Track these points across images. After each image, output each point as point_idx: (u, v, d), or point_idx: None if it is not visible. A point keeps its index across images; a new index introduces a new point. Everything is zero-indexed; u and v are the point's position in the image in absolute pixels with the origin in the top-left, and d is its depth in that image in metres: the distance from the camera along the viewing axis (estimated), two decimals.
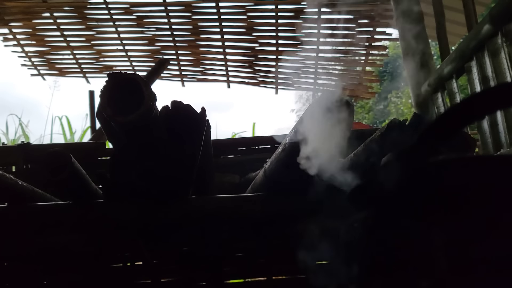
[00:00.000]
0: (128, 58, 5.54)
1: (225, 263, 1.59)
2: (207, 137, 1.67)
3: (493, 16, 2.12)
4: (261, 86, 5.69)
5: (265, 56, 5.30)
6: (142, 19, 5.01)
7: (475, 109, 0.71)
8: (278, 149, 1.39)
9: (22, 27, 5.17)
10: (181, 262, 1.58)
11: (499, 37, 2.12)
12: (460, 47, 2.54)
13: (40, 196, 1.56)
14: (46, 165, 1.37)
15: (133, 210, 1.45)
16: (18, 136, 6.99)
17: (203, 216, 1.47)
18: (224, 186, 2.11)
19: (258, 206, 1.47)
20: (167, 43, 5.30)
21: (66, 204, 1.49)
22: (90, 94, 4.84)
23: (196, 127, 1.46)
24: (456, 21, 3.84)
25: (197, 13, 4.88)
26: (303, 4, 4.61)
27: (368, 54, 4.94)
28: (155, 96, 1.22)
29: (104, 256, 1.57)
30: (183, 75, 5.73)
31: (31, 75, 5.79)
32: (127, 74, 1.21)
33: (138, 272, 1.59)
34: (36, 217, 1.46)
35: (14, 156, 2.32)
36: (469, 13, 2.55)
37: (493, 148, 2.15)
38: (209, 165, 1.80)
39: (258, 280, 1.62)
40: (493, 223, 0.72)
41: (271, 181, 1.50)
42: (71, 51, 5.46)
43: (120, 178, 1.46)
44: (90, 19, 5.04)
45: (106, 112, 1.17)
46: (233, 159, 2.49)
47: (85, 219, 1.45)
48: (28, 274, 1.55)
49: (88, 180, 1.56)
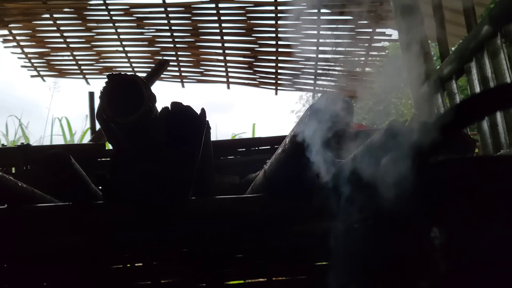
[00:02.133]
0: (128, 59, 5.54)
1: (225, 264, 1.59)
2: (207, 138, 1.67)
3: (493, 17, 2.12)
4: (261, 87, 5.69)
5: (265, 57, 5.30)
6: (142, 20, 5.01)
7: (475, 109, 0.71)
8: (278, 150, 1.39)
9: (22, 28, 5.17)
10: (181, 263, 1.58)
11: (499, 38, 2.12)
12: (459, 48, 2.54)
13: (40, 198, 1.56)
14: (46, 166, 1.37)
15: (133, 211, 1.45)
16: (18, 137, 6.99)
17: (203, 217, 1.47)
18: (224, 187, 2.11)
19: (258, 207, 1.47)
20: (167, 44, 5.30)
21: (66, 205, 1.49)
22: (90, 95, 4.85)
23: (196, 128, 1.46)
24: (455, 22, 3.84)
25: (197, 14, 4.88)
26: (302, 5, 4.61)
27: (368, 54, 4.94)
28: (155, 97, 1.22)
29: (104, 257, 1.56)
30: (183, 76, 5.73)
31: (31, 76, 5.79)
32: (127, 75, 1.22)
33: (138, 273, 1.58)
34: (36, 218, 1.46)
35: (14, 157, 2.32)
36: (468, 14, 2.55)
37: (493, 149, 2.15)
38: (209, 166, 1.80)
39: (258, 281, 1.62)
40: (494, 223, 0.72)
41: (271, 182, 1.50)
42: (71, 52, 5.46)
43: (120, 179, 1.46)
44: (90, 20, 5.04)
45: (106, 113, 1.17)
46: (233, 160, 2.49)
47: (85, 220, 1.45)
48: (27, 275, 1.55)
49: (88, 181, 1.56)
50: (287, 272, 1.61)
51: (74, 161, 1.42)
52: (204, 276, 1.58)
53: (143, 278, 1.58)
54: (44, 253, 1.50)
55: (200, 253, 1.55)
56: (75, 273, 1.54)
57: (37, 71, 5.74)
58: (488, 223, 0.72)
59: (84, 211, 1.46)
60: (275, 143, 2.46)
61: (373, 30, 4.63)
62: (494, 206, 0.72)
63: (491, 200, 0.72)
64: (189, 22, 4.99)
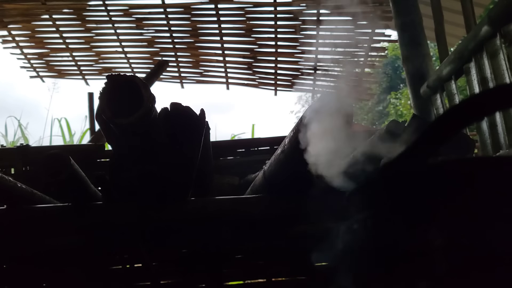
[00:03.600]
0: (127, 60, 5.53)
1: (225, 265, 1.59)
2: (206, 138, 1.67)
3: (492, 17, 2.12)
4: (260, 87, 5.69)
5: (264, 58, 5.30)
6: (141, 21, 5.01)
7: (474, 110, 0.71)
8: (278, 151, 1.39)
9: (21, 29, 5.16)
10: (180, 264, 1.58)
11: (498, 39, 2.12)
12: (458, 48, 2.54)
13: (39, 198, 1.56)
14: (45, 167, 1.37)
15: (132, 212, 1.45)
16: (17, 138, 6.98)
17: (203, 218, 1.47)
18: (224, 187, 2.11)
19: (258, 207, 1.47)
20: (166, 45, 5.30)
21: (65, 206, 1.49)
22: (89, 96, 4.84)
23: (195, 129, 1.46)
24: (454, 23, 3.85)
25: (196, 14, 4.88)
26: (302, 6, 4.62)
27: (367, 55, 4.95)
28: (154, 98, 1.22)
29: (103, 258, 1.56)
30: (182, 77, 5.73)
31: (30, 77, 5.78)
32: (126, 76, 1.22)
33: (137, 274, 1.58)
34: (35, 219, 1.46)
35: (13, 158, 2.32)
36: (467, 14, 2.55)
37: (492, 149, 2.16)
38: (209, 166, 1.79)
39: (257, 282, 1.61)
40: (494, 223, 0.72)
41: (271, 183, 1.50)
42: (70, 53, 5.46)
43: (119, 180, 1.46)
44: (89, 21, 5.04)
45: (105, 114, 1.17)
46: (232, 160, 2.49)
47: (84, 221, 1.45)
48: (27, 276, 1.54)
49: (87, 182, 1.56)
50: (287, 273, 1.61)
51: (73, 161, 1.42)
52: (203, 276, 1.58)
53: (142, 279, 1.58)
54: (43, 254, 1.50)
55: (200, 254, 1.55)
56: (75, 274, 1.54)
57: (36, 71, 5.73)
58: (488, 223, 0.72)
59: (83, 212, 1.46)
60: (274, 143, 2.46)
61: (373, 31, 4.64)
62: (494, 207, 0.72)
63: (491, 200, 0.72)
64: (189, 22, 4.99)
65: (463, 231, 0.73)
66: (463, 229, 0.73)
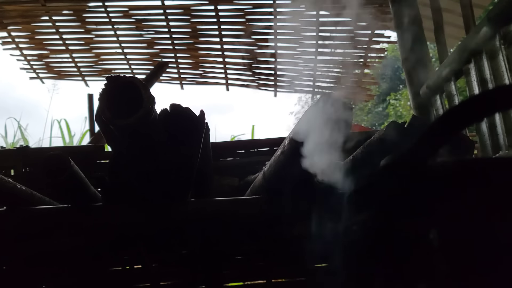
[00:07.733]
0: (127, 61, 5.54)
1: (225, 266, 1.59)
2: (206, 139, 1.67)
3: (491, 18, 2.13)
4: (260, 88, 5.70)
5: (264, 59, 5.30)
6: (141, 22, 5.01)
7: (474, 111, 0.71)
8: (277, 152, 1.39)
9: (21, 31, 5.17)
10: (180, 265, 1.58)
11: (497, 40, 2.12)
12: (458, 49, 2.54)
13: (38, 200, 1.56)
14: (45, 168, 1.37)
15: (132, 213, 1.45)
16: (17, 140, 6.99)
17: (202, 219, 1.47)
18: (223, 189, 2.11)
19: (257, 208, 1.47)
20: (166, 46, 5.30)
21: (65, 207, 1.49)
22: (89, 97, 4.84)
23: (195, 130, 1.46)
24: (454, 24, 3.86)
25: (196, 16, 4.88)
26: (301, 7, 4.62)
27: (367, 56, 4.95)
28: (154, 99, 1.22)
29: (103, 260, 1.56)
30: (182, 78, 5.73)
31: (30, 78, 5.78)
32: (126, 77, 1.21)
33: (137, 275, 1.58)
34: (34, 220, 1.45)
35: (12, 159, 2.32)
36: (467, 15, 2.55)
37: (491, 150, 2.16)
38: (208, 168, 1.79)
39: (257, 283, 1.61)
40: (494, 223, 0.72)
41: (270, 184, 1.50)
42: (70, 54, 5.46)
43: (119, 181, 1.46)
44: (89, 23, 5.04)
45: (105, 115, 1.17)
46: (232, 161, 2.49)
47: (84, 222, 1.45)
48: (26, 277, 1.54)
49: (87, 183, 1.56)
50: (287, 274, 1.60)
51: (73, 163, 1.42)
52: (203, 278, 1.58)
53: (142, 280, 1.57)
54: (42, 255, 1.50)
55: (199, 255, 1.55)
56: (74, 275, 1.54)
57: (36, 73, 5.73)
58: (487, 223, 0.72)
59: (83, 213, 1.46)
60: (274, 144, 2.46)
61: (372, 32, 4.64)
62: (494, 207, 0.72)
63: (490, 200, 0.73)
64: (188, 24, 4.99)
65: (463, 231, 0.73)
66: (463, 229, 0.73)
